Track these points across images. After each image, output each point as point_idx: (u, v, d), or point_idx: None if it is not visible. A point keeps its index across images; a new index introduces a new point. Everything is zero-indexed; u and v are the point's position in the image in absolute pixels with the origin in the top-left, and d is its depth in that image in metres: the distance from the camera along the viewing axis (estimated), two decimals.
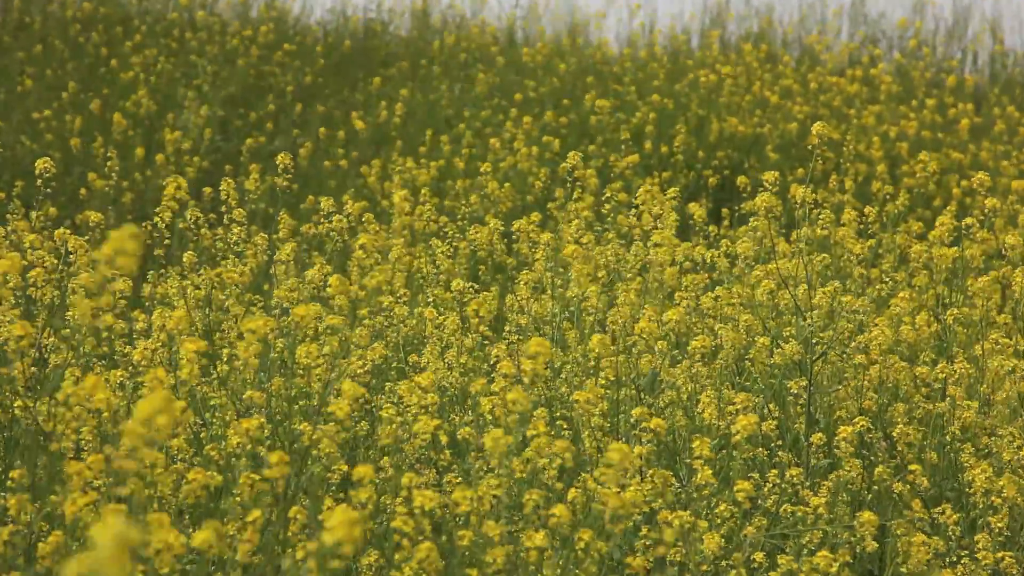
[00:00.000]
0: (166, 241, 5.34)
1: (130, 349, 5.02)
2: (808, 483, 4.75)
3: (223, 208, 5.51)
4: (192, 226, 5.58)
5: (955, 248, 5.88)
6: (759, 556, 4.37)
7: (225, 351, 4.85)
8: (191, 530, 4.04)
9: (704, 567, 4.12)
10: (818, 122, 5.43)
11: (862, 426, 4.94)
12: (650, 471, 4.19)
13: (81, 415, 3.77)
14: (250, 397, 4.51)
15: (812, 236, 5.69)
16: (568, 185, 6.26)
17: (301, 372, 4.49)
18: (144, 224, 5.61)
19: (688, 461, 4.54)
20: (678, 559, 4.28)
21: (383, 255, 6.27)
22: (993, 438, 5.13)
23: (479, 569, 3.71)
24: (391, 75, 15.56)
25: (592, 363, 5.26)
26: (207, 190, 8.94)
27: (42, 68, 14.51)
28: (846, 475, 4.77)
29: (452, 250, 6.67)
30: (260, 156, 12.66)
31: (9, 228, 4.81)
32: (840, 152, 11.51)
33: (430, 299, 6.30)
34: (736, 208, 9.40)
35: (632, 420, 4.62)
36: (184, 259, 5.66)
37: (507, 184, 11.15)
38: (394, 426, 4.48)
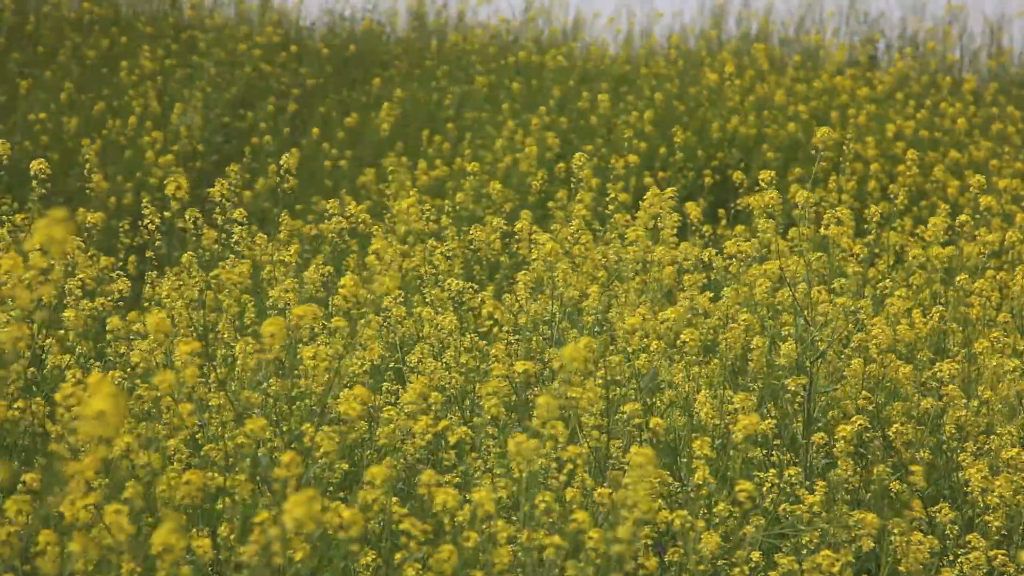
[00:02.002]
0: (157, 243, 5.34)
1: (127, 350, 5.02)
2: (807, 483, 4.75)
3: (217, 211, 5.51)
4: (193, 226, 5.59)
5: (951, 247, 5.88)
6: (756, 556, 4.36)
7: (220, 352, 4.84)
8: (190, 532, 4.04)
9: (702, 567, 4.12)
10: (823, 127, 5.43)
11: (860, 425, 4.94)
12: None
13: (80, 415, 3.76)
14: (247, 398, 4.51)
15: (809, 236, 5.69)
16: (572, 186, 6.25)
17: (298, 373, 4.49)
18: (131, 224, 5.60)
19: (684, 460, 4.54)
20: (676, 559, 4.28)
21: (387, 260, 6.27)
22: (991, 436, 5.12)
23: (485, 570, 3.71)
24: (390, 76, 15.55)
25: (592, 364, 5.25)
26: (212, 191, 8.92)
27: (40, 70, 14.50)
28: (842, 474, 4.77)
29: (447, 250, 6.67)
30: (260, 157, 12.66)
31: (7, 229, 4.81)
32: (840, 152, 11.49)
33: (427, 299, 6.29)
34: (732, 206, 9.39)
35: (624, 416, 4.61)
36: (184, 260, 5.65)
37: (504, 184, 11.13)
38: (392, 427, 4.48)
